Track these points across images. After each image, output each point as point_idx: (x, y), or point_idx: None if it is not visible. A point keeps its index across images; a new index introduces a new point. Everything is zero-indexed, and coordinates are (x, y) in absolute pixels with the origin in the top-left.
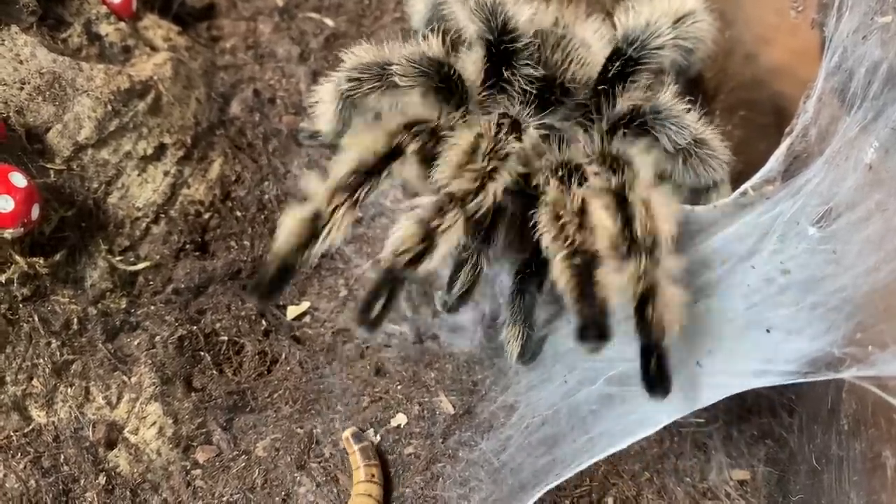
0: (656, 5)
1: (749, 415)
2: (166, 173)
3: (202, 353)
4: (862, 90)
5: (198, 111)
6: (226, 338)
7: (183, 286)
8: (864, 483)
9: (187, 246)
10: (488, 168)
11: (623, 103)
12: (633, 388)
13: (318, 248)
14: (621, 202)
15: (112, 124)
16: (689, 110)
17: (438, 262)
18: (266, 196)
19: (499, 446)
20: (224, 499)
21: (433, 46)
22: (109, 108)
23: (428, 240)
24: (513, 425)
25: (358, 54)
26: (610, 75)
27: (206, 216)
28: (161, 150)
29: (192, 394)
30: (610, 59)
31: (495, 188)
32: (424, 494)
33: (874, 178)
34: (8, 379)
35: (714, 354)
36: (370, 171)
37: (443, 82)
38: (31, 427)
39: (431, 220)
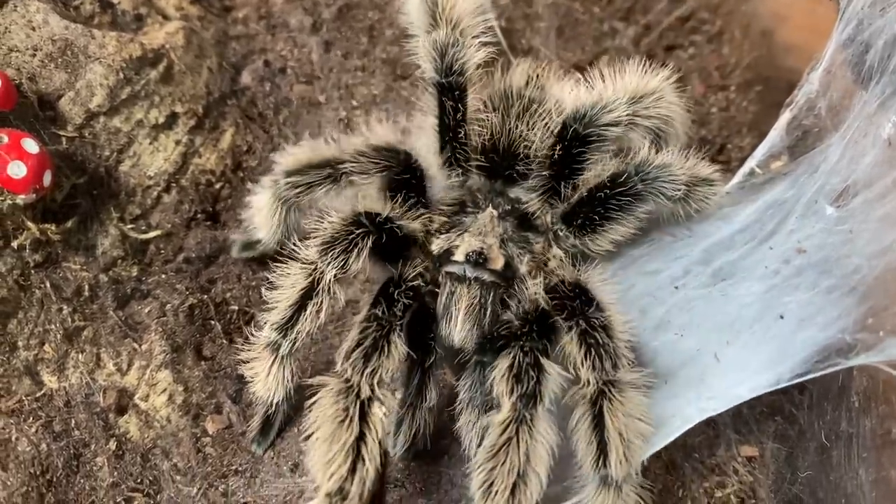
0: (617, 82)
1: None
2: (178, 142)
3: (212, 322)
4: (880, 64)
5: (209, 81)
6: (236, 307)
7: (194, 255)
8: (874, 459)
9: (198, 215)
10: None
11: (582, 187)
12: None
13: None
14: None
15: (124, 92)
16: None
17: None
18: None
19: None
20: (233, 468)
21: (380, 133)
22: (121, 75)
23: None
24: None
25: (296, 154)
26: (556, 154)
27: (218, 186)
28: (173, 119)
29: (202, 362)
30: (559, 136)
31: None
32: None
33: (893, 155)
34: (20, 344)
35: (731, 347)
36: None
37: (403, 172)
38: (42, 392)
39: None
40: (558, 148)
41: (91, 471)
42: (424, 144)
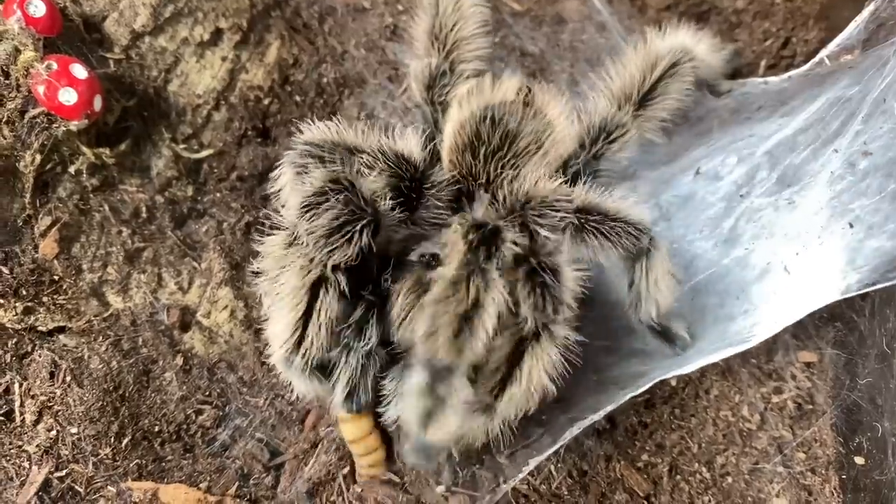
0: (621, 77)
1: None
2: (224, 59)
3: None
4: None
5: None
6: None
7: (247, 173)
8: None
9: (249, 132)
10: None
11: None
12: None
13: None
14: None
15: (167, 10)
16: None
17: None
18: (325, 79)
19: None
20: None
21: (408, 141)
22: None
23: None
24: None
25: (321, 129)
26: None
27: (266, 102)
28: (217, 34)
29: None
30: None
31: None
32: None
33: None
34: (84, 267)
35: (801, 258)
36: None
37: (410, 187)
38: (109, 312)
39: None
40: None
41: (161, 385)
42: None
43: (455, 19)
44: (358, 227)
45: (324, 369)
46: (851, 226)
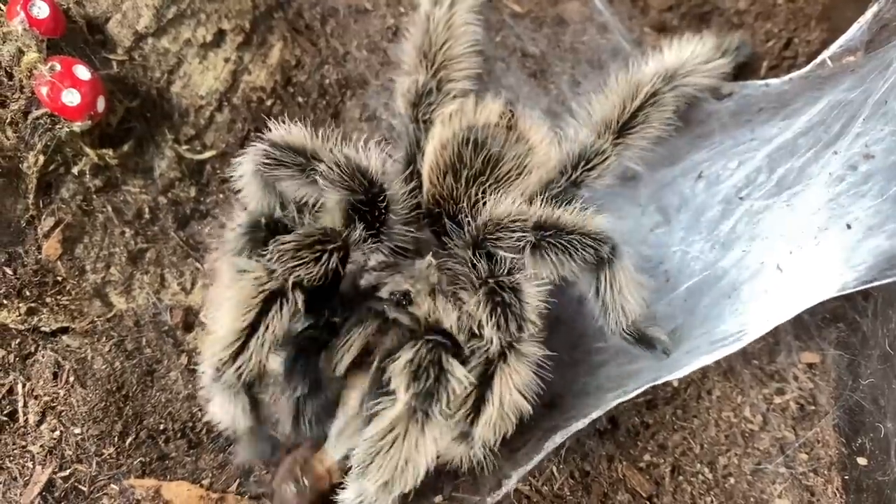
0: (602, 105)
1: None
2: (227, 60)
3: None
4: None
5: None
6: None
7: None
8: None
9: (252, 133)
10: None
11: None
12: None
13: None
14: None
15: (170, 11)
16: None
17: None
18: (327, 81)
19: None
20: None
21: (370, 157)
22: None
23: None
24: None
25: (288, 131)
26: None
27: (269, 103)
28: (220, 36)
29: None
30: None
31: None
32: None
33: None
34: (87, 267)
35: (794, 257)
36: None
37: (366, 203)
38: (112, 313)
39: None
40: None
41: (166, 385)
42: (395, 173)
43: (445, 37)
44: (329, 248)
45: (251, 396)
46: (849, 227)
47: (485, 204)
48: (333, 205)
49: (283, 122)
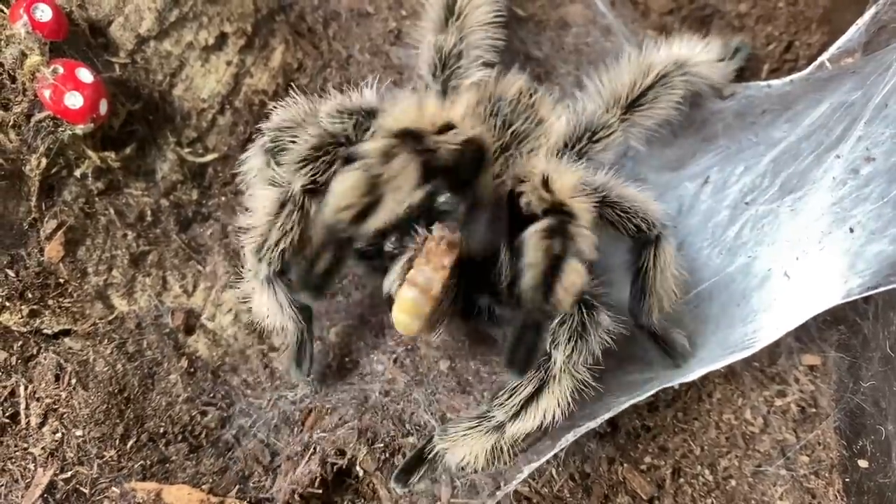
0: (612, 82)
1: None
2: (229, 63)
3: None
4: None
5: None
6: None
7: None
8: None
9: (254, 136)
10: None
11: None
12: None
13: None
14: None
15: (172, 15)
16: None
17: (387, 217)
18: (329, 84)
19: None
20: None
21: (369, 97)
22: None
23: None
24: None
25: (282, 112)
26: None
27: (271, 106)
28: (222, 39)
29: None
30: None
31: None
32: None
33: None
34: (90, 270)
35: (801, 263)
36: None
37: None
38: (114, 315)
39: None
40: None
41: (166, 388)
42: None
43: (475, 4)
44: (332, 153)
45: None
46: (852, 231)
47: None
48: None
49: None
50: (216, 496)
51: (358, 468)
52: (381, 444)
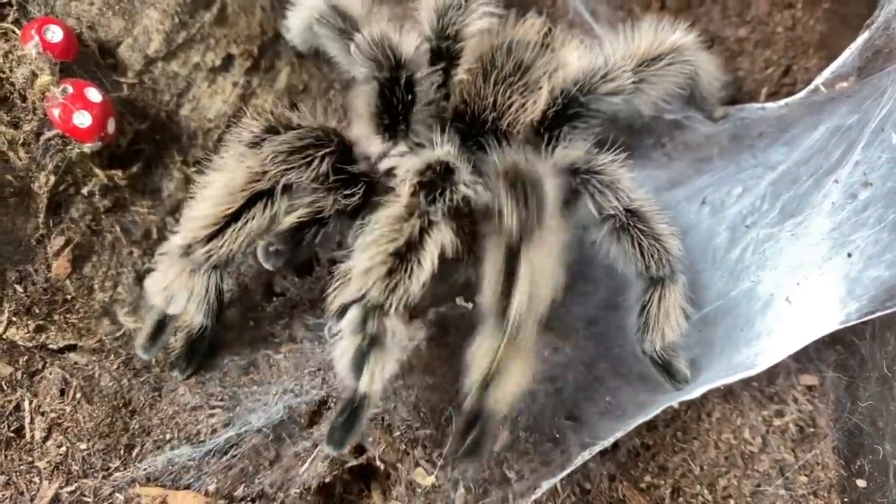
0: (628, 43)
1: None
2: (235, 84)
3: None
4: None
5: (263, 20)
6: None
7: None
8: None
9: None
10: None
11: (560, 157)
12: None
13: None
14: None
15: (180, 36)
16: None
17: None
18: (332, 105)
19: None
20: (306, 371)
21: (404, 44)
22: (176, 19)
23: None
24: None
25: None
26: (548, 121)
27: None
28: (229, 60)
29: (274, 298)
30: (551, 103)
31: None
32: None
33: None
34: (96, 286)
35: (802, 288)
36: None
37: (390, 82)
38: (121, 332)
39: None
40: (550, 113)
41: (174, 399)
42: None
43: None
44: (320, 153)
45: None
46: (850, 256)
47: (510, 107)
48: (363, 81)
49: None
50: (222, 497)
51: (377, 463)
52: (397, 433)
